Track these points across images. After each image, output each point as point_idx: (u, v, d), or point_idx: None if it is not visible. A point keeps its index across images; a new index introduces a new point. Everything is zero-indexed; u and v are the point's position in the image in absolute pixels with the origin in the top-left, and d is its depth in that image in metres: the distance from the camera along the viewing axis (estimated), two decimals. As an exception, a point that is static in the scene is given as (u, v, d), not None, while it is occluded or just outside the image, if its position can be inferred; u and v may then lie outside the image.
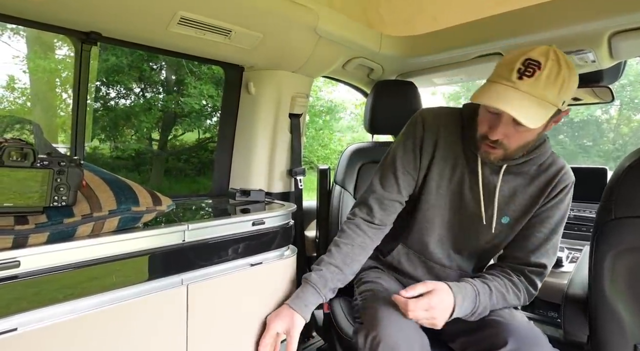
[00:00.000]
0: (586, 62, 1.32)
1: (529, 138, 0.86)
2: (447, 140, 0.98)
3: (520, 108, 0.76)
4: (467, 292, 0.88)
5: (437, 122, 1.00)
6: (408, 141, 1.02)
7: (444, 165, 0.98)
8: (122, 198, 0.72)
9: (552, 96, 0.77)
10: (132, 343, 0.74)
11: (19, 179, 0.59)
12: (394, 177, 1.01)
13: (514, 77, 0.78)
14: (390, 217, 1.03)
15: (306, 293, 0.94)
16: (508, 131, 0.83)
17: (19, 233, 0.59)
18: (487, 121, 0.87)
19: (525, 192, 0.95)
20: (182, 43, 1.11)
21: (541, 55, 0.78)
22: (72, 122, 1.03)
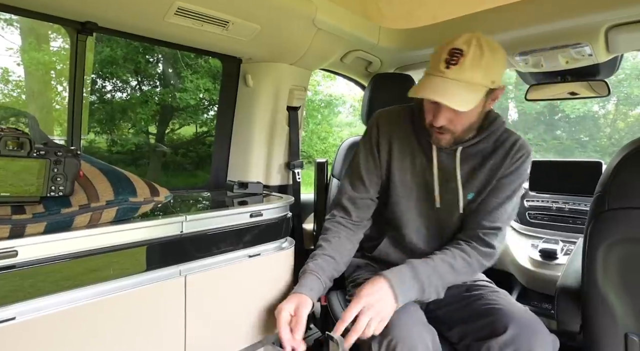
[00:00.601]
0: (583, 55, 1.33)
1: (472, 119, 0.94)
2: (401, 136, 1.06)
3: (451, 96, 0.84)
4: (402, 273, 0.89)
5: (390, 121, 1.08)
6: (366, 144, 1.10)
7: (403, 159, 1.05)
8: (120, 188, 0.72)
9: (478, 78, 0.85)
10: (131, 333, 0.74)
11: (15, 169, 0.59)
12: (359, 178, 1.08)
13: (442, 67, 0.85)
14: (365, 213, 1.10)
15: (308, 280, 0.95)
16: (449, 116, 0.91)
17: (16, 223, 0.59)
18: (430, 110, 0.94)
19: (484, 167, 1.00)
20: (180, 34, 1.10)
21: (464, 43, 0.85)
22: (68, 113, 1.03)
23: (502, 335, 0.83)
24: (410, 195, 1.06)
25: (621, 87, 8.64)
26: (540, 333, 0.85)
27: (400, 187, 1.06)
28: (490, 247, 0.98)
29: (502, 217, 0.99)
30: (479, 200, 1.01)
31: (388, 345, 0.83)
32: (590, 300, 0.87)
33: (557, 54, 1.33)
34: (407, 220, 1.07)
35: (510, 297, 0.99)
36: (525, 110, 10.03)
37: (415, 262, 0.93)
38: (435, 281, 0.91)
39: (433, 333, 0.88)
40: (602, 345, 0.86)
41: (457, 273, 0.94)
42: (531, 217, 1.74)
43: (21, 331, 0.60)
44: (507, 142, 1.00)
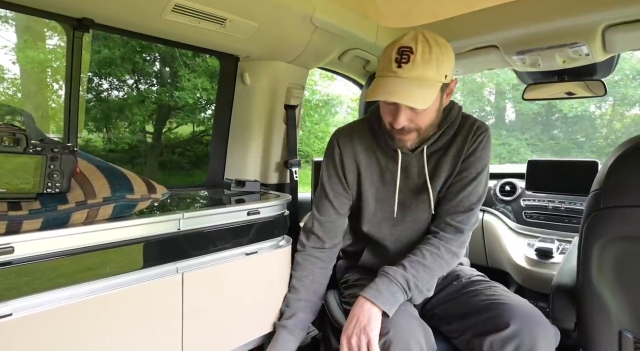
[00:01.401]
0: (580, 55, 1.33)
1: (431, 116, 0.92)
2: (364, 150, 1.05)
3: (408, 95, 0.83)
4: (379, 285, 0.90)
5: (350, 138, 1.07)
6: (329, 165, 1.09)
7: (372, 174, 1.05)
8: (117, 185, 0.72)
9: (431, 74, 0.85)
10: (128, 330, 0.74)
11: (11, 165, 0.58)
12: (328, 201, 1.08)
13: (394, 67, 0.85)
14: (337, 236, 1.11)
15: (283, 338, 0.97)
16: (409, 116, 0.90)
17: (13, 219, 0.59)
18: (388, 112, 0.92)
19: (447, 157, 1.00)
20: (177, 31, 1.10)
21: (411, 41, 0.85)
22: (64, 110, 1.02)
23: (505, 330, 0.83)
24: (383, 207, 1.05)
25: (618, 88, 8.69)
26: (542, 325, 0.84)
27: (373, 202, 1.06)
28: (459, 231, 0.98)
29: (470, 199, 0.98)
30: (445, 188, 1.01)
31: (384, 345, 0.84)
32: (585, 297, 0.87)
33: (555, 53, 1.34)
34: (385, 233, 1.07)
35: (508, 290, 0.99)
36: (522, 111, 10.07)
37: (389, 269, 0.93)
38: (413, 283, 0.91)
39: (426, 330, 0.89)
40: (597, 342, 0.87)
41: (430, 269, 0.94)
42: (527, 216, 1.74)
43: (18, 327, 0.60)
44: (464, 126, 1.01)
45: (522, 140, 9.67)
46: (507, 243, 1.71)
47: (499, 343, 0.83)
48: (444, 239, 0.97)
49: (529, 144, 9.61)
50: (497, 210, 1.83)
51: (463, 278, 1.05)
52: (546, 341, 0.82)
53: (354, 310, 0.89)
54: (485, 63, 1.60)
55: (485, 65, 1.65)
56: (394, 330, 0.84)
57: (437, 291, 1.06)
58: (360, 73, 1.84)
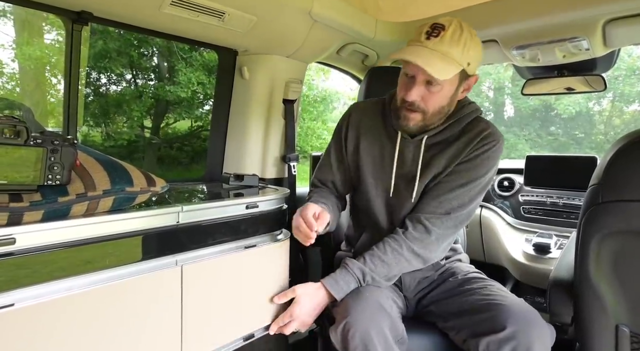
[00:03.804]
0: (580, 49, 1.33)
1: (443, 100, 0.94)
2: (370, 127, 1.08)
3: (428, 62, 0.86)
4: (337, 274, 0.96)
5: (362, 113, 1.11)
6: (336, 134, 1.15)
7: (371, 150, 1.07)
8: (116, 178, 0.72)
9: (456, 53, 0.88)
10: (127, 322, 0.75)
11: (12, 157, 0.58)
12: (329, 163, 1.14)
13: (422, 38, 0.89)
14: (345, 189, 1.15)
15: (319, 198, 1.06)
16: (422, 92, 0.92)
17: (14, 211, 0.59)
18: (404, 85, 0.95)
19: (444, 153, 1.00)
20: (175, 25, 1.10)
21: (446, 21, 0.90)
22: (63, 104, 1.02)
23: (501, 332, 0.82)
24: (377, 185, 1.06)
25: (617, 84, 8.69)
26: (538, 326, 0.84)
27: (370, 178, 1.07)
28: (427, 232, 0.96)
29: (452, 203, 0.96)
30: (431, 186, 1.01)
31: (343, 329, 0.86)
32: (582, 292, 0.88)
33: (554, 48, 1.34)
34: (379, 211, 1.07)
35: (505, 289, 0.99)
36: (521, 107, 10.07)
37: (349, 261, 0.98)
38: (370, 276, 0.95)
39: (391, 319, 0.89)
40: (594, 337, 0.87)
41: (388, 265, 0.95)
42: (525, 211, 1.75)
43: (20, 317, 0.60)
44: (474, 130, 0.99)
45: (520, 136, 9.68)
46: (505, 239, 1.72)
47: (495, 344, 0.83)
48: (408, 237, 0.96)
49: (527, 140, 9.62)
50: (495, 206, 1.84)
51: (459, 275, 1.05)
52: (542, 342, 0.83)
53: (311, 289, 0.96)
54: (484, 58, 1.59)
55: (485, 60, 1.65)
56: (354, 315, 0.86)
57: (433, 287, 1.07)
58: (359, 68, 1.83)
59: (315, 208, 0.98)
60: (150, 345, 0.79)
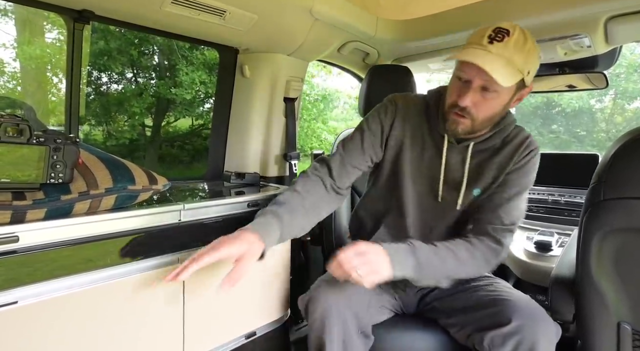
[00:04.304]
0: (582, 47, 1.33)
1: (495, 108, 0.90)
2: (415, 125, 1.02)
3: (492, 65, 0.81)
4: (398, 246, 0.88)
5: (407, 107, 1.04)
6: (377, 118, 1.04)
7: (414, 149, 1.02)
8: (118, 176, 0.73)
9: (519, 61, 0.84)
10: (129, 319, 0.75)
11: (15, 155, 0.59)
12: (359, 147, 1.02)
13: (485, 42, 0.84)
14: (348, 182, 1.02)
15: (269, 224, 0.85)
16: (476, 98, 0.87)
17: (17, 209, 0.59)
18: (456, 89, 0.90)
19: (492, 163, 0.97)
20: (176, 23, 1.10)
21: (510, 26, 0.85)
22: (65, 102, 1.02)
23: (506, 326, 0.82)
24: (415, 186, 1.02)
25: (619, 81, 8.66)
26: (544, 322, 0.84)
27: (408, 177, 1.02)
28: (498, 243, 0.93)
29: (513, 214, 0.95)
30: (485, 196, 0.98)
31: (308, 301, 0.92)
32: (584, 289, 0.88)
33: (556, 45, 1.33)
34: (409, 211, 1.03)
35: (510, 286, 0.99)
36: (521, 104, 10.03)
37: (415, 241, 0.90)
38: (435, 264, 0.88)
39: (361, 308, 0.92)
40: (595, 334, 0.87)
41: (459, 261, 0.90)
42: (526, 209, 1.74)
43: (22, 315, 0.61)
44: (516, 138, 0.98)
45: (522, 134, 9.63)
46: (506, 236, 1.72)
47: (500, 338, 0.83)
48: (483, 243, 0.93)
49: (528, 138, 9.58)
50: (497, 203, 1.83)
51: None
52: (547, 338, 0.83)
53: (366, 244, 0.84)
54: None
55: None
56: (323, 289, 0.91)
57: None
58: (360, 66, 1.83)
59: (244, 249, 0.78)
60: (152, 343, 0.80)
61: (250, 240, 0.79)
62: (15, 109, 4.54)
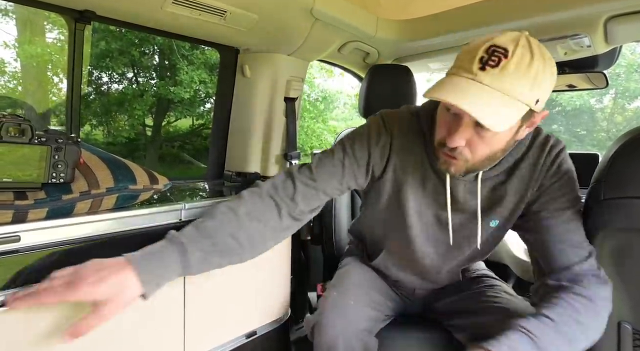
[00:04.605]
0: (581, 47, 1.33)
1: (495, 147, 0.71)
2: (412, 151, 0.85)
3: (480, 106, 0.61)
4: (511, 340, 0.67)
5: (400, 130, 0.85)
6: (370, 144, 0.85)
7: (414, 181, 0.86)
8: (120, 176, 0.73)
9: (522, 91, 0.64)
10: (130, 319, 0.75)
11: (17, 155, 0.59)
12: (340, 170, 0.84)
13: (475, 68, 0.64)
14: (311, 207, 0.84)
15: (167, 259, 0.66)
16: (469, 137, 0.68)
17: (19, 208, 0.60)
18: (445, 124, 0.72)
19: (508, 186, 0.82)
20: (177, 23, 1.10)
21: (509, 42, 0.64)
22: (66, 102, 1.03)
23: None
24: (421, 219, 0.89)
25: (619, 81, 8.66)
26: None
27: (413, 212, 0.87)
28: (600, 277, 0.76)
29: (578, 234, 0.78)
30: (508, 227, 0.85)
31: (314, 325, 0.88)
32: (584, 288, 0.88)
33: (556, 45, 1.33)
34: (415, 245, 0.91)
35: (511, 292, 0.96)
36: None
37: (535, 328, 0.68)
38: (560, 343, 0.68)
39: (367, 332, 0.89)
40: (596, 334, 0.88)
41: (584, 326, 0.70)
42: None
43: (22, 316, 0.61)
44: (534, 144, 0.81)
45: (521, 134, 9.64)
46: (506, 236, 1.71)
47: None
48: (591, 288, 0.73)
49: (528, 138, 9.59)
50: (497, 203, 1.83)
51: (467, 273, 1.03)
52: None
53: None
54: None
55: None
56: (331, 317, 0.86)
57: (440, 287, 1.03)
58: (360, 65, 1.83)
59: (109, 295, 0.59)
60: (153, 342, 0.80)
61: (124, 285, 0.60)
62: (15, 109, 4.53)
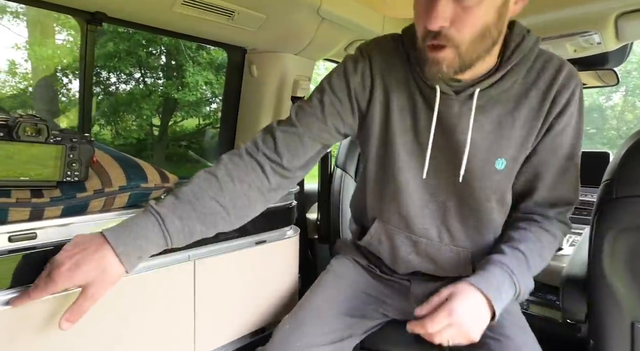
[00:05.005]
0: (592, 44, 1.31)
1: (484, 17, 0.61)
2: (399, 81, 0.75)
3: None
4: (498, 279, 0.67)
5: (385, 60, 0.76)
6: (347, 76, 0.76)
7: (404, 114, 0.76)
8: (132, 175, 0.74)
9: None
10: (140, 316, 0.76)
11: (33, 154, 0.60)
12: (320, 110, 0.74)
13: None
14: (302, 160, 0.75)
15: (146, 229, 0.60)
16: (451, 13, 0.60)
17: (36, 206, 0.61)
18: (423, 10, 0.62)
19: (515, 118, 0.71)
20: (186, 24, 1.11)
21: None
22: (78, 102, 1.04)
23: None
24: (411, 163, 0.77)
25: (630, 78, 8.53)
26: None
27: (403, 153, 0.76)
28: (568, 225, 0.80)
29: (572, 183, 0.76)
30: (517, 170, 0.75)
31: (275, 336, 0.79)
32: (596, 288, 0.87)
33: (565, 42, 1.32)
34: (410, 197, 0.78)
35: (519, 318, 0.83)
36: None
37: (508, 258, 0.69)
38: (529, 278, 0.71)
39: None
40: (608, 334, 0.86)
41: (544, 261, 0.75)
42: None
43: (37, 311, 0.62)
44: (544, 74, 0.69)
45: (530, 133, 9.56)
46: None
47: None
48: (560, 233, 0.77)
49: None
50: (505, 202, 1.82)
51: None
52: None
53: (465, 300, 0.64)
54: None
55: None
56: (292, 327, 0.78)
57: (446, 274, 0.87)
58: (368, 64, 1.83)
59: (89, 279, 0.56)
60: (163, 340, 0.81)
61: (102, 265, 0.56)
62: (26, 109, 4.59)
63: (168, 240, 0.63)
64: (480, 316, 0.65)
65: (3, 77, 5.09)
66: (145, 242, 0.60)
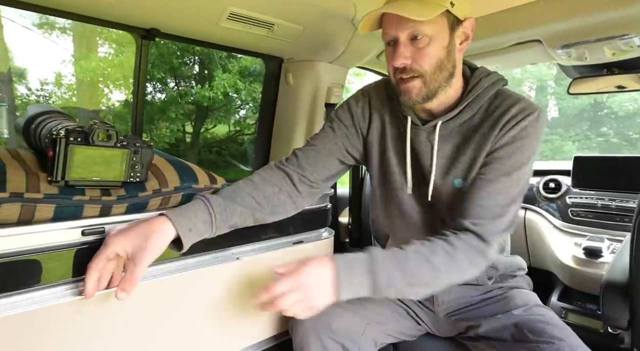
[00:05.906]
0: (631, 47, 1.28)
1: (437, 53, 0.78)
2: (391, 114, 0.93)
3: (401, 6, 0.74)
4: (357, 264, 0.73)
5: (379, 97, 0.95)
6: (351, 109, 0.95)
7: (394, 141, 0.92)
8: (185, 176, 0.81)
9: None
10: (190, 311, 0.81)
11: (104, 157, 0.68)
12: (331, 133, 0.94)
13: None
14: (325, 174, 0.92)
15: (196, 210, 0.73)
16: (409, 51, 0.78)
17: (105, 203, 0.68)
18: (390, 56, 0.82)
19: (470, 142, 0.83)
20: (230, 37, 1.19)
21: None
22: (132, 111, 1.14)
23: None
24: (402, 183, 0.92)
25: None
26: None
27: (397, 173, 0.92)
28: (482, 239, 0.76)
29: (499, 200, 0.78)
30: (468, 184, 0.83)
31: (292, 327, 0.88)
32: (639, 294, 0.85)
33: (603, 45, 1.29)
34: (403, 218, 0.93)
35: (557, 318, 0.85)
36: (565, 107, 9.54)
37: (379, 252, 0.75)
38: (400, 278, 0.72)
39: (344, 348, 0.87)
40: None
41: (434, 268, 0.73)
42: (574, 214, 1.69)
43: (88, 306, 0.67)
44: (501, 105, 0.81)
45: (566, 138, 9.17)
46: (552, 242, 1.67)
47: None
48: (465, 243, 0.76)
49: (574, 142, 9.10)
50: (541, 208, 1.78)
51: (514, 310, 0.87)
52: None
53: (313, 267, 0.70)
54: (527, 58, 1.56)
55: (527, 60, 1.62)
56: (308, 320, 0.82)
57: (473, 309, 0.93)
58: (398, 71, 1.85)
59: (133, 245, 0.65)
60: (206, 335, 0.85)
61: (147, 233, 0.65)
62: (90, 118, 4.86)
63: (212, 216, 0.74)
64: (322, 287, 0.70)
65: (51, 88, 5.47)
66: (194, 214, 0.72)
